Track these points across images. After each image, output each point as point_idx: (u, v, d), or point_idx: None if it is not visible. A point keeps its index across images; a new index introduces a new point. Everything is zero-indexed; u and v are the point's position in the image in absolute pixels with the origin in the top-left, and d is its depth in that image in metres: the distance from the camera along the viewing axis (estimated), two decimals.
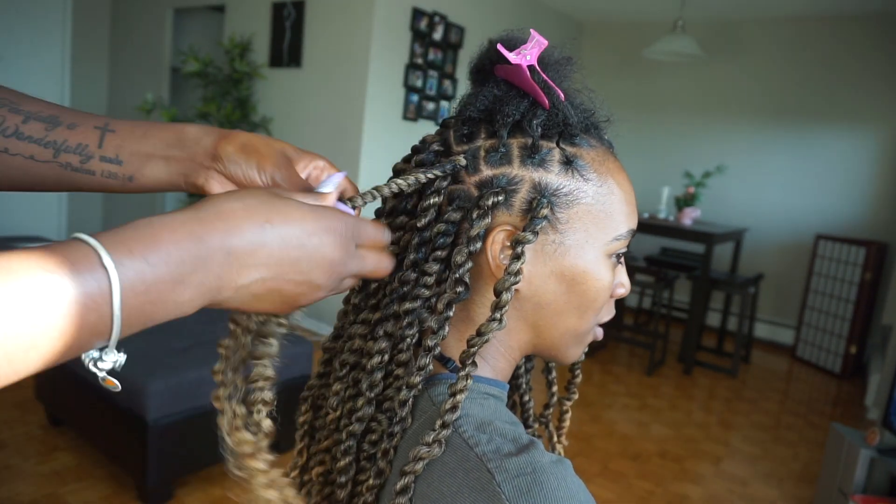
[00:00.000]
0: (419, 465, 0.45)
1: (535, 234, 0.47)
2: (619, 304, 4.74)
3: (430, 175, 0.49)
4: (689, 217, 4.26)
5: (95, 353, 0.33)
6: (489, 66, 0.51)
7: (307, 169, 0.51)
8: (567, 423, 0.66)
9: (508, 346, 0.53)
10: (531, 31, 0.49)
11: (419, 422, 0.50)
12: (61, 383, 2.32)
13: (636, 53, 5.17)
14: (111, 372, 0.34)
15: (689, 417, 3.33)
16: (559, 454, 0.66)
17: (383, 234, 0.46)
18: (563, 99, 0.49)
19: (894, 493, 2.13)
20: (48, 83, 4.77)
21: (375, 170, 3.81)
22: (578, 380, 0.64)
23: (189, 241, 0.34)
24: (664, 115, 5.32)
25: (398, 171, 0.55)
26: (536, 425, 0.67)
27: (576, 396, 0.65)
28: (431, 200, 0.50)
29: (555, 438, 0.66)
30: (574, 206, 0.49)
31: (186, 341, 2.29)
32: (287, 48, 3.98)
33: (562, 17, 5.34)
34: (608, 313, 0.55)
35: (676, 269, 4.56)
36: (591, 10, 5.21)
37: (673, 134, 5.28)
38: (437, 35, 4.02)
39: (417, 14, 3.83)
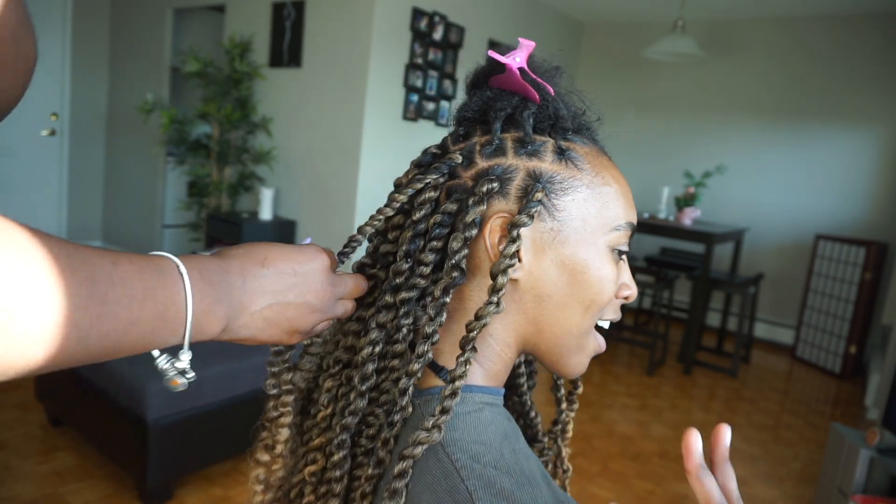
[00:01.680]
0: (418, 450, 0.45)
1: (531, 217, 0.48)
2: None
3: (416, 186, 0.52)
4: (689, 217, 4.26)
5: (164, 359, 0.42)
6: (484, 81, 0.53)
7: None
8: (570, 434, 0.66)
9: (505, 342, 0.53)
10: (519, 39, 0.50)
11: (409, 430, 0.49)
12: (61, 383, 2.32)
13: (636, 53, 5.17)
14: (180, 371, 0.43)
15: (689, 417, 3.33)
16: (567, 466, 0.67)
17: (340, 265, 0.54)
18: (552, 93, 0.50)
19: (894, 493, 2.13)
20: (48, 83, 4.77)
21: (375, 170, 3.81)
22: (580, 391, 0.64)
23: (221, 272, 0.43)
24: (664, 115, 5.32)
25: (398, 185, 0.56)
26: (546, 440, 0.66)
27: (576, 407, 0.65)
28: (428, 195, 0.51)
29: (563, 453, 0.66)
30: (570, 194, 0.50)
31: None
32: (287, 48, 3.98)
33: (562, 17, 5.34)
34: (613, 312, 0.55)
35: (676, 269, 4.55)
36: (591, 10, 5.21)
37: (673, 134, 5.28)
38: (437, 35, 4.02)
39: (417, 14, 3.83)
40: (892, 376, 2.68)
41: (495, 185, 0.49)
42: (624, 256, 0.54)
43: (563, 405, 0.65)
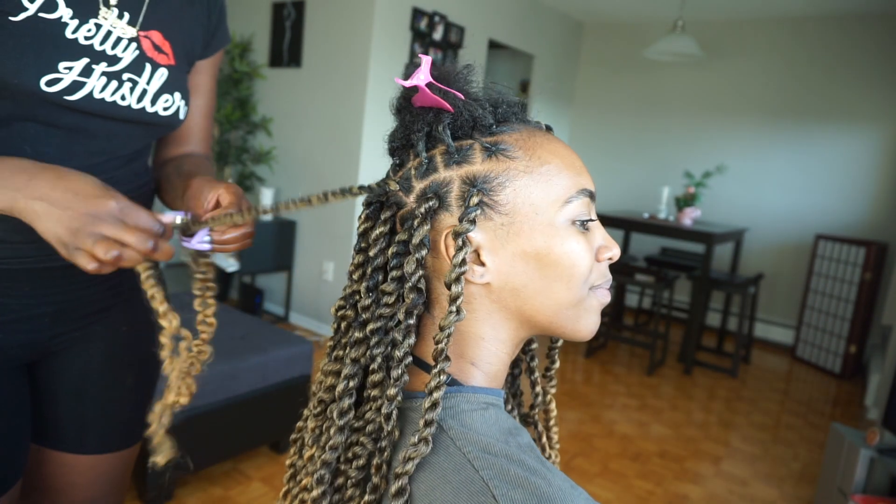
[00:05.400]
0: (409, 466, 0.46)
1: (472, 222, 0.49)
2: (619, 304, 4.73)
3: (330, 195, 0.56)
4: (689, 217, 4.26)
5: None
6: (407, 104, 0.55)
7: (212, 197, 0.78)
8: (554, 414, 0.66)
9: (499, 340, 0.54)
10: (420, 55, 0.52)
11: (407, 437, 0.50)
12: None
13: (636, 53, 5.17)
14: None
15: (689, 417, 3.33)
16: (555, 451, 0.67)
17: (148, 221, 0.63)
18: (462, 98, 0.52)
19: (894, 493, 2.13)
20: None
21: (375, 170, 3.81)
22: (556, 366, 0.64)
23: (13, 171, 0.62)
24: (664, 115, 5.32)
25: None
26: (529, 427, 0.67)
27: (555, 383, 0.65)
28: (379, 230, 0.54)
29: (544, 439, 0.66)
30: (509, 186, 0.50)
31: None
32: (287, 48, 3.98)
33: (562, 17, 5.34)
34: (600, 277, 0.55)
35: (676, 269, 4.55)
36: (591, 10, 5.21)
37: (673, 134, 5.28)
38: (437, 35, 4.02)
39: (417, 14, 3.84)
40: (892, 376, 2.69)
41: (434, 202, 0.51)
42: (592, 223, 0.54)
43: (538, 386, 0.66)
